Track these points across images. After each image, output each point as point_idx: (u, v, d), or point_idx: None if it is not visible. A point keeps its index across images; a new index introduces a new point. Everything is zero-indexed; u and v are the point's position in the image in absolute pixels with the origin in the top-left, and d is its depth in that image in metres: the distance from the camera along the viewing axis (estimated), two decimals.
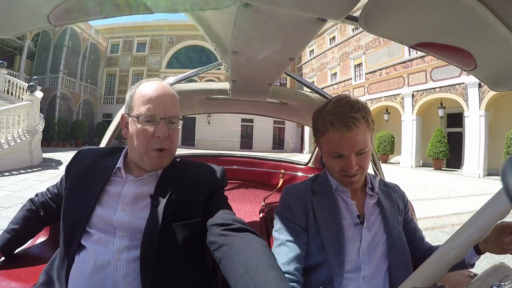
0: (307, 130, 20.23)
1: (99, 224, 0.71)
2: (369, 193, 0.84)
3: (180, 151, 0.94)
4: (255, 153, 4.05)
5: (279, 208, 0.85)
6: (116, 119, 1.27)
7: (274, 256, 0.66)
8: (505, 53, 0.62)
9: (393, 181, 0.97)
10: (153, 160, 0.75)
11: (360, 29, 1.41)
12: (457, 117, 12.21)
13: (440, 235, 3.54)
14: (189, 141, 21.38)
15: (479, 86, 10.25)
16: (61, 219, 0.75)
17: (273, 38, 0.74)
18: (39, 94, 9.03)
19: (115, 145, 0.93)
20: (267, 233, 1.02)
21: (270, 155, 3.64)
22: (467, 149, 10.82)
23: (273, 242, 0.82)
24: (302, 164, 2.09)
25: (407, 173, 10.55)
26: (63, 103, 18.74)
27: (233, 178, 1.98)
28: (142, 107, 0.74)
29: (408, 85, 13.38)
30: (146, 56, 23.30)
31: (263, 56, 0.85)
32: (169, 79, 1.29)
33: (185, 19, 18.87)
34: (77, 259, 0.69)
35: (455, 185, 8.03)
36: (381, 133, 14.41)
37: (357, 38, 16.71)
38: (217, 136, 22.03)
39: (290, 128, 23.11)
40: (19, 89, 10.84)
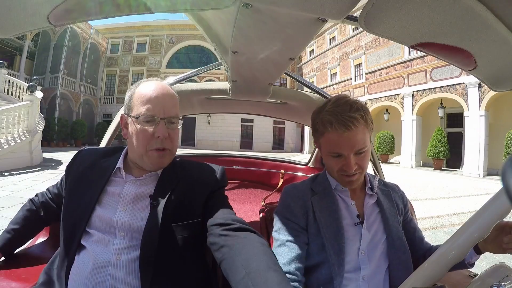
0: (307, 130, 20.23)
1: (99, 224, 0.71)
2: (369, 193, 0.84)
3: (180, 151, 0.94)
4: (255, 153, 4.05)
5: (278, 208, 0.85)
6: (116, 119, 1.27)
7: (275, 255, 0.66)
8: (505, 53, 0.62)
9: (393, 181, 0.97)
10: (153, 160, 0.75)
11: (360, 29, 1.41)
12: (457, 117, 12.20)
13: (440, 235, 3.54)
14: (189, 141, 21.38)
15: (479, 86, 10.25)
16: (61, 219, 0.75)
17: (273, 38, 0.74)
18: (39, 94, 9.03)
19: (115, 145, 0.93)
20: (267, 233, 1.02)
21: (270, 155, 3.64)
22: (467, 149, 10.82)
23: (273, 242, 0.82)
24: (302, 164, 2.08)
25: (407, 173, 10.55)
26: (63, 103, 18.75)
27: (233, 178, 1.98)
28: (141, 107, 0.74)
29: (408, 85, 13.38)
30: (146, 56, 23.29)
31: (263, 56, 0.85)
32: (169, 79, 1.29)
33: (185, 19, 18.86)
34: (77, 259, 0.69)
35: (455, 185, 8.03)
36: (381, 133, 14.41)
37: (357, 38, 16.71)
38: (217, 136, 22.02)
39: (290, 128, 23.10)
40: (19, 89, 10.84)
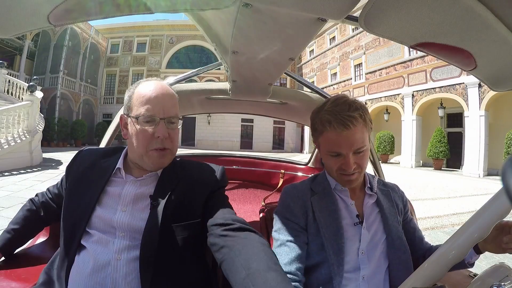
0: (307, 130, 20.20)
1: (99, 224, 0.71)
2: (368, 193, 0.84)
3: (180, 151, 0.94)
4: (255, 153, 4.05)
5: (278, 208, 0.85)
6: (116, 119, 1.27)
7: (275, 255, 0.66)
8: (505, 53, 0.62)
9: (393, 181, 0.97)
10: (154, 160, 0.75)
11: (360, 29, 1.41)
12: (457, 117, 12.20)
13: (440, 235, 3.54)
14: (189, 141, 21.38)
15: (479, 86, 10.25)
16: (61, 219, 0.75)
17: (273, 38, 0.74)
18: (39, 94, 9.03)
19: (115, 146, 0.93)
20: (267, 233, 1.02)
21: (270, 155, 3.64)
22: (467, 149, 10.82)
23: (273, 242, 0.82)
24: (302, 164, 2.08)
25: (407, 173, 10.55)
26: (63, 103, 18.75)
27: (233, 178, 1.98)
28: (141, 107, 0.74)
29: (408, 85, 13.38)
30: (146, 56, 23.29)
31: (263, 56, 0.85)
32: (169, 79, 1.29)
33: (185, 19, 18.87)
34: (77, 259, 0.69)
35: (455, 185, 8.03)
36: (381, 133, 14.40)
37: (357, 38, 16.70)
38: (217, 136, 22.02)
39: (290, 128, 23.10)
40: (19, 89, 10.84)
